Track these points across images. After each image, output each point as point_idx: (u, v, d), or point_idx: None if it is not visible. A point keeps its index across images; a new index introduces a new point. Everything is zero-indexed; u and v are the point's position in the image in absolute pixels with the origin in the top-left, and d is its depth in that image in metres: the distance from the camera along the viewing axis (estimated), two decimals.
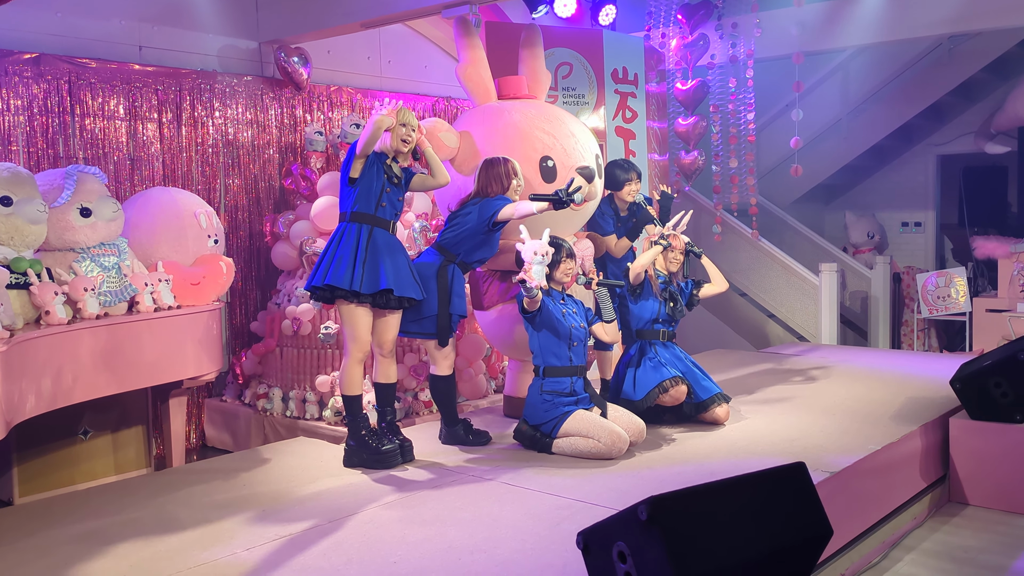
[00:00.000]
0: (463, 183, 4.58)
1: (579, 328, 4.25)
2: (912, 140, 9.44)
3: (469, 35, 4.94)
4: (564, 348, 4.20)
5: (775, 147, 8.95)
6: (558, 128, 4.73)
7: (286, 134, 6.11)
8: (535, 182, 4.55)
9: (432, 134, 4.40)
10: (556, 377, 4.20)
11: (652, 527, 2.23)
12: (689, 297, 4.79)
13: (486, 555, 2.99)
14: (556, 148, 4.64)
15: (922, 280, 7.91)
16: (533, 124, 4.67)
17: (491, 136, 4.61)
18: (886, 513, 3.99)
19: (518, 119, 4.69)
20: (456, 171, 4.61)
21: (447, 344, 4.29)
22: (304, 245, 5.41)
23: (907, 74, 8.79)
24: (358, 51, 6.58)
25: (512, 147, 4.54)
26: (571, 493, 3.58)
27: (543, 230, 4.16)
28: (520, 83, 4.98)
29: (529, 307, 4.09)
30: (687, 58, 7.53)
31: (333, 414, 5.14)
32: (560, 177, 4.57)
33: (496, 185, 4.30)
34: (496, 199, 4.26)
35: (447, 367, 4.34)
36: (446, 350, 4.32)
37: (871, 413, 4.69)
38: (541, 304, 4.11)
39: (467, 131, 4.66)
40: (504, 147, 4.54)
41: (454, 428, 4.39)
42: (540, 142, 4.63)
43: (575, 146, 4.72)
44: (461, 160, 4.60)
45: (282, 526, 3.31)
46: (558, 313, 4.19)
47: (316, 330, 5.32)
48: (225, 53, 5.88)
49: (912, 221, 9.64)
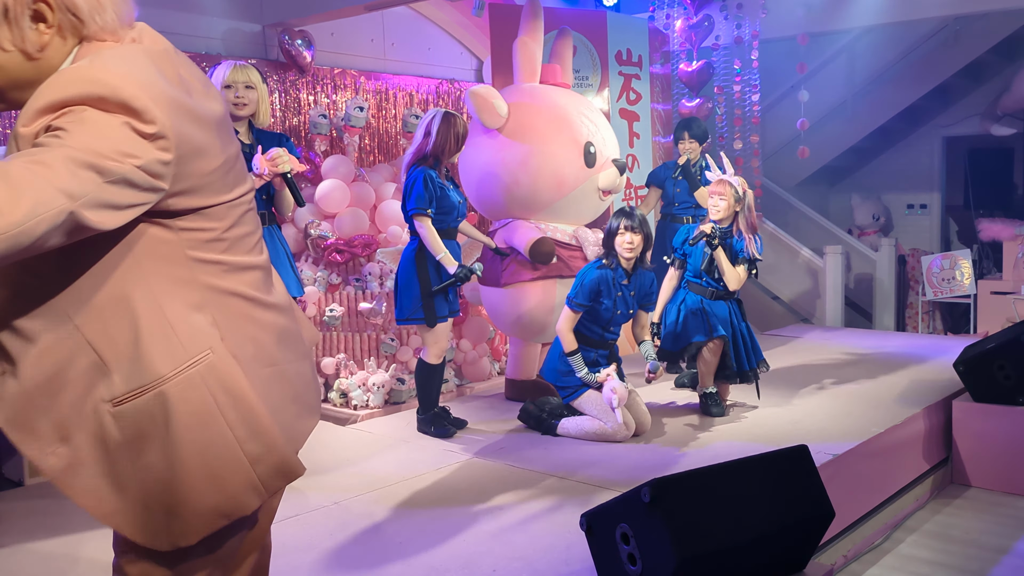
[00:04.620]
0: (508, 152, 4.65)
1: (624, 315, 4.17)
2: (918, 122, 9.39)
3: (536, 10, 5.02)
4: (599, 328, 4.18)
5: (780, 129, 8.91)
6: (598, 119, 4.99)
7: (290, 117, 6.10)
8: (577, 165, 4.66)
9: (485, 99, 4.49)
10: (583, 345, 4.16)
11: (655, 509, 2.25)
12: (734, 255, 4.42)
13: (490, 536, 3.01)
14: (597, 137, 4.85)
15: (927, 262, 7.90)
16: (578, 109, 4.90)
17: (541, 112, 4.77)
18: (889, 495, 4.01)
19: (566, 102, 4.89)
20: (504, 139, 4.71)
21: (434, 325, 4.16)
22: (309, 228, 5.42)
23: (913, 55, 8.74)
24: (362, 33, 6.56)
25: (561, 127, 4.72)
26: (574, 475, 3.61)
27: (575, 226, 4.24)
28: (557, 71, 5.15)
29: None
30: (692, 39, 7.49)
31: (338, 396, 5.16)
32: (598, 164, 4.78)
33: (449, 143, 4.10)
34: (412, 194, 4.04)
35: (435, 355, 4.24)
36: (437, 335, 4.20)
37: (874, 395, 4.71)
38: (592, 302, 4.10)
39: (517, 103, 4.74)
40: (553, 125, 4.71)
41: (425, 416, 4.32)
42: (586, 127, 4.83)
43: (609, 138, 4.96)
44: (510, 130, 4.72)
45: (286, 507, 3.34)
46: (608, 302, 4.09)
47: (321, 312, 5.34)
48: (229, 36, 5.86)
49: (917, 203, 9.61)
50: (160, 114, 1.31)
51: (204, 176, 1.41)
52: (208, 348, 1.42)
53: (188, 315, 1.42)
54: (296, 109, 6.16)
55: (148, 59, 1.40)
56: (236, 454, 1.43)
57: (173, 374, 1.38)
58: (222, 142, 1.46)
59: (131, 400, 1.37)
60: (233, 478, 1.43)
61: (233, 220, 1.50)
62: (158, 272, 1.41)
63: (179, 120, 1.35)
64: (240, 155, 1.56)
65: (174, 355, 1.39)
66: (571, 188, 4.71)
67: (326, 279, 5.29)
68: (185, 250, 1.42)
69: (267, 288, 1.58)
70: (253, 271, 1.54)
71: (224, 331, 1.46)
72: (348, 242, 5.27)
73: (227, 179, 1.47)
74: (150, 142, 1.31)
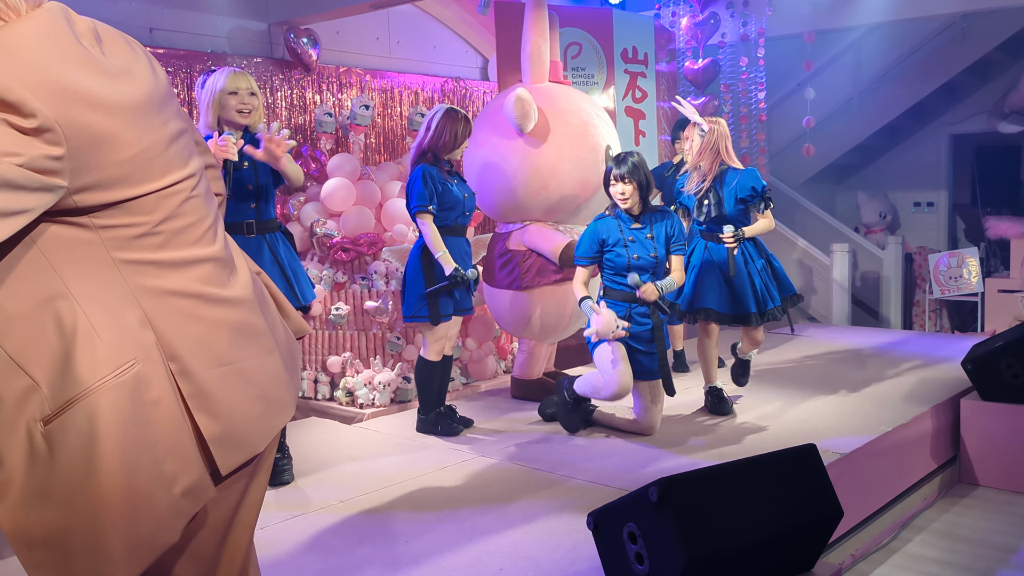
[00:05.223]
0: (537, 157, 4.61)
1: (645, 259, 3.90)
2: (925, 120, 9.36)
3: (541, 9, 4.86)
4: (622, 279, 3.96)
5: (787, 126, 8.89)
6: (607, 119, 4.99)
7: (296, 116, 6.10)
8: (600, 169, 4.60)
9: (531, 105, 4.47)
10: (613, 299, 3.98)
11: (662, 508, 2.25)
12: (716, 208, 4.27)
13: (496, 536, 3.01)
14: (611, 137, 4.86)
15: (934, 260, 7.87)
16: (595, 111, 4.88)
17: (567, 116, 4.69)
18: (896, 494, 4.00)
19: (583, 104, 4.85)
20: (531, 145, 4.62)
21: (438, 323, 4.13)
22: (315, 226, 5.42)
23: (920, 53, 8.71)
24: (367, 32, 6.56)
25: (586, 130, 4.68)
26: (581, 474, 3.60)
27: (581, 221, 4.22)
28: (559, 68, 5.08)
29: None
30: (697, 37, 7.47)
31: (344, 395, 5.16)
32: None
33: (449, 138, 4.07)
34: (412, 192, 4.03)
35: (434, 352, 4.21)
36: (437, 332, 4.17)
37: (882, 394, 4.69)
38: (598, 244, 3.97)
39: (542, 107, 4.67)
40: (579, 128, 4.65)
41: (427, 416, 4.28)
42: (604, 128, 4.82)
43: (616, 137, 4.96)
44: (538, 135, 4.65)
45: (294, 505, 3.34)
46: (619, 248, 3.91)
47: (327, 311, 5.34)
48: (235, 35, 5.86)
49: (924, 201, 9.58)
50: (40, 105, 1.20)
51: (116, 166, 1.29)
52: (135, 355, 1.30)
53: (116, 320, 1.30)
54: (302, 108, 6.16)
55: (39, 42, 1.26)
56: (157, 472, 1.31)
57: (97, 384, 1.26)
58: (140, 127, 1.34)
59: (58, 416, 1.25)
60: (155, 499, 1.31)
61: (168, 211, 1.37)
62: (80, 276, 1.29)
63: (70, 109, 1.23)
64: (181, 138, 1.45)
65: (98, 364, 1.27)
66: (594, 191, 4.68)
67: (332, 277, 5.30)
68: (110, 251, 1.31)
69: (220, 281, 1.45)
70: (200, 265, 1.42)
71: (161, 333, 1.35)
72: (354, 241, 5.27)
73: (151, 166, 1.35)
74: (33, 137, 1.19)
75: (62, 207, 1.25)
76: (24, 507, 1.26)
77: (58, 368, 1.26)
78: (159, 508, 1.32)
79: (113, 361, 1.28)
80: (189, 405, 1.37)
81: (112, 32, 1.44)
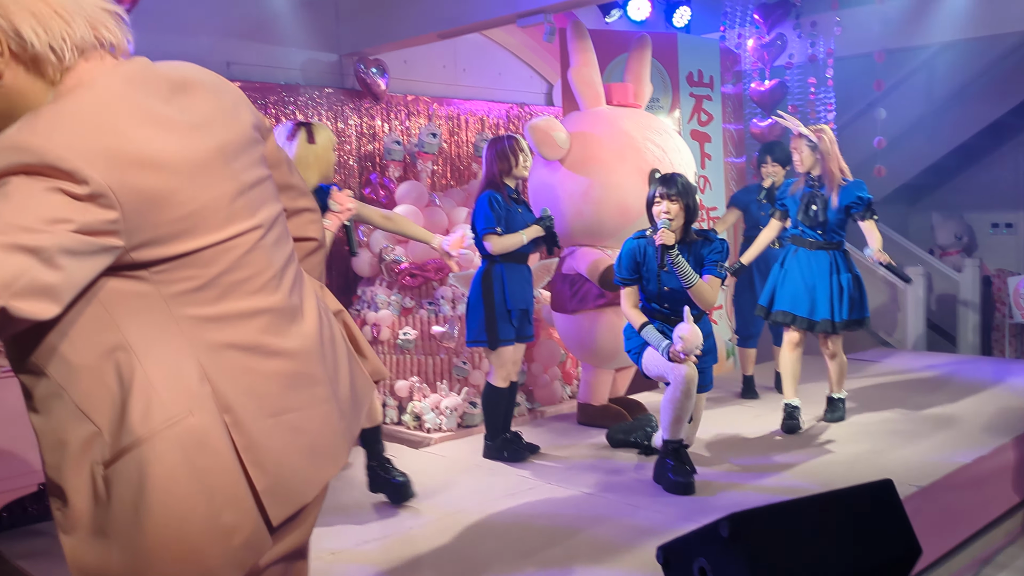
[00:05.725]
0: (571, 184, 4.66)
1: (671, 291, 3.81)
2: (1002, 139, 9.08)
3: (582, 38, 4.97)
4: (654, 304, 3.92)
5: (857, 147, 8.69)
6: (667, 141, 4.85)
7: (365, 144, 6.22)
8: (642, 192, 4.57)
9: (545, 133, 4.49)
10: (650, 316, 3.91)
11: (734, 544, 2.21)
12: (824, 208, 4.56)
13: (564, 565, 3.00)
14: (664, 162, 4.71)
15: (1014, 283, 7.62)
16: (644, 135, 4.79)
17: (604, 141, 4.71)
18: (977, 529, 3.87)
19: (630, 127, 4.79)
20: (566, 170, 4.69)
21: (496, 348, 4.20)
22: (383, 253, 5.51)
23: (995, 71, 8.47)
24: (434, 60, 6.67)
25: (624, 156, 4.65)
26: (649, 504, 3.57)
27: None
28: (627, 90, 5.05)
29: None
30: (764, 58, 7.41)
31: (412, 419, 5.22)
32: None
33: (502, 163, 4.20)
34: (479, 216, 4.17)
35: (500, 378, 4.27)
36: (502, 358, 4.23)
37: (960, 423, 4.55)
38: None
39: (579, 132, 4.72)
40: (616, 154, 4.65)
41: (493, 442, 4.33)
42: (651, 154, 4.72)
43: (680, 161, 4.82)
44: (572, 162, 4.68)
45: (359, 533, 3.38)
46: (647, 273, 3.85)
47: (395, 335, 5.41)
48: (308, 67, 6.02)
49: (1003, 222, 9.28)
50: (93, 172, 1.22)
51: (173, 223, 1.31)
52: (189, 407, 1.33)
53: (171, 371, 1.33)
54: (371, 136, 6.28)
55: (103, 108, 1.29)
56: (213, 524, 1.32)
57: (148, 435, 1.29)
58: (202, 182, 1.35)
59: (114, 462, 1.29)
60: (210, 551, 1.32)
61: (227, 264, 1.38)
62: (139, 328, 1.32)
63: (125, 173, 1.25)
64: (255, 188, 1.45)
65: (150, 415, 1.30)
66: (636, 216, 4.65)
67: (400, 303, 5.37)
68: (168, 304, 1.34)
69: (279, 330, 1.45)
70: (258, 317, 1.42)
71: (216, 385, 1.36)
72: (421, 266, 5.34)
73: (212, 220, 1.36)
74: (87, 203, 1.22)
75: (121, 262, 1.29)
76: (84, 543, 1.32)
77: (116, 417, 1.30)
78: (214, 559, 1.33)
79: (165, 412, 1.31)
80: (243, 457, 1.38)
81: (200, 80, 1.46)
